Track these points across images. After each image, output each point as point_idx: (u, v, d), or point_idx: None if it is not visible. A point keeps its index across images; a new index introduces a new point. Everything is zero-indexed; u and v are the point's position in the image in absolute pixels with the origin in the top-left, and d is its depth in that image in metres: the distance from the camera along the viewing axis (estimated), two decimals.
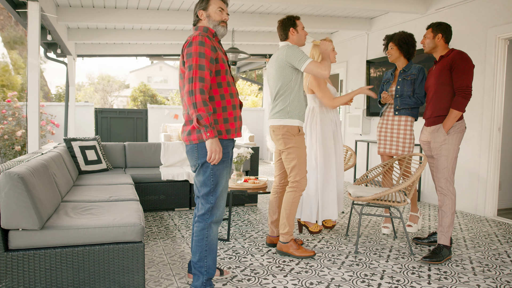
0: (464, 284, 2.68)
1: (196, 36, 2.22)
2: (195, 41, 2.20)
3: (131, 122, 10.16)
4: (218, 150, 2.20)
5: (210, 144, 2.18)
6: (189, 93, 2.15)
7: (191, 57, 2.18)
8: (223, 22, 2.40)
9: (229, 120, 2.31)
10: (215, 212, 2.32)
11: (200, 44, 2.19)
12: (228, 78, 2.34)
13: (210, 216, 2.31)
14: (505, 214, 4.74)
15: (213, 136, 2.17)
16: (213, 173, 2.28)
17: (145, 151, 5.10)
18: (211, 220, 2.32)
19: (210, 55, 2.21)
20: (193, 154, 2.30)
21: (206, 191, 2.29)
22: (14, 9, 4.88)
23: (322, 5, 5.23)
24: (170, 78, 31.68)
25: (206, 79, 2.17)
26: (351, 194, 3.36)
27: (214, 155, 2.20)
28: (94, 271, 2.30)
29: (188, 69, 2.18)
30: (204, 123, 2.14)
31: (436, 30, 3.19)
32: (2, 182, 2.13)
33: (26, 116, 7.07)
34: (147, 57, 8.78)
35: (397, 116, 3.72)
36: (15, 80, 13.93)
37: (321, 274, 2.80)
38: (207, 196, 2.30)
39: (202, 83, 2.15)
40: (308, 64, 2.98)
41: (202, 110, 2.12)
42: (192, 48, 2.19)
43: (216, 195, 2.30)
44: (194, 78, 2.15)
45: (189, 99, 2.14)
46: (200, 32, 2.27)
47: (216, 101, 2.28)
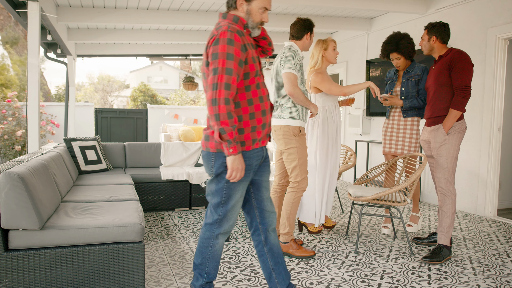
0: (464, 284, 2.68)
1: (225, 31, 1.89)
2: (223, 39, 1.87)
3: (131, 122, 10.16)
4: (240, 168, 1.92)
5: (232, 161, 1.90)
6: (212, 102, 1.85)
7: (217, 59, 1.87)
8: (261, 24, 2.09)
9: (256, 129, 2.02)
10: (223, 224, 2.08)
11: (228, 42, 1.87)
12: (257, 79, 2.03)
13: (218, 227, 2.08)
14: (505, 214, 4.74)
15: (236, 152, 1.89)
16: (227, 185, 2.02)
17: (145, 151, 5.10)
18: (219, 232, 2.09)
19: (240, 57, 1.90)
20: (208, 162, 2.04)
21: (216, 202, 2.05)
22: (14, 9, 4.88)
23: (322, 5, 5.23)
24: (170, 78, 31.68)
25: (232, 86, 1.87)
26: (351, 194, 3.36)
27: (236, 174, 1.93)
28: (94, 271, 2.30)
29: (213, 72, 1.87)
30: (228, 138, 1.86)
31: (431, 32, 3.17)
32: (2, 182, 2.13)
33: (26, 116, 7.07)
34: (147, 57, 8.79)
35: (404, 117, 3.73)
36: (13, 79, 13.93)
37: (321, 274, 2.80)
38: (216, 207, 2.06)
39: (228, 90, 1.85)
40: (286, 72, 3.00)
41: (226, 124, 1.84)
42: (218, 47, 1.87)
43: (226, 208, 2.05)
44: (219, 84, 1.85)
45: (211, 108, 1.86)
46: (230, 24, 1.94)
47: (242, 107, 1.97)
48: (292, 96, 2.99)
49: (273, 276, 2.20)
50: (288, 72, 2.98)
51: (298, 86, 3.03)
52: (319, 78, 3.49)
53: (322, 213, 3.59)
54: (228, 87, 1.86)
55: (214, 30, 1.95)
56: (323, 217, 3.60)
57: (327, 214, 3.72)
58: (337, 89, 3.45)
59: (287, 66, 3.00)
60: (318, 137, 3.55)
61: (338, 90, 3.44)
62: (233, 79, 1.87)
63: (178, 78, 30.96)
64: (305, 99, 3.05)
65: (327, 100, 3.58)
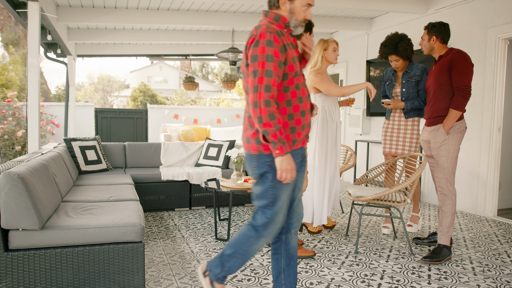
0: (464, 284, 2.68)
1: (264, 32, 1.86)
2: (262, 40, 1.85)
3: (131, 122, 10.16)
4: (289, 168, 1.88)
5: (280, 162, 1.87)
6: (254, 105, 1.85)
7: (256, 61, 1.85)
8: (304, 22, 2.04)
9: (296, 129, 1.98)
10: (269, 227, 2.02)
11: (268, 44, 1.84)
12: (297, 80, 1.99)
13: (263, 229, 2.02)
14: (505, 214, 4.74)
15: (283, 153, 1.86)
16: (273, 185, 1.97)
17: (145, 151, 5.10)
18: (263, 234, 2.03)
19: (279, 58, 1.87)
20: (251, 163, 2.02)
21: (263, 204, 2.00)
22: (14, 9, 4.88)
23: (322, 5, 5.23)
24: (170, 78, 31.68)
25: (272, 88, 1.85)
26: (351, 194, 3.36)
27: (286, 175, 1.89)
28: (94, 271, 2.30)
29: (253, 75, 1.86)
30: (272, 139, 1.84)
31: (431, 32, 3.17)
32: (2, 182, 2.13)
33: (26, 116, 7.07)
34: (147, 57, 8.78)
35: (405, 118, 3.73)
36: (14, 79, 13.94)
37: (321, 274, 2.80)
38: (264, 209, 2.00)
39: (268, 92, 1.84)
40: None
41: (269, 125, 1.83)
42: (258, 49, 1.85)
43: (274, 209, 1.99)
44: (259, 87, 1.84)
45: (254, 111, 1.85)
46: (269, 24, 1.91)
47: (281, 108, 1.95)
48: None
49: (281, 277, 2.17)
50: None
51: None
52: (319, 79, 3.49)
53: (324, 214, 3.58)
54: (268, 89, 1.84)
55: (254, 30, 1.92)
56: (325, 218, 3.59)
57: (328, 214, 3.72)
58: (336, 89, 3.44)
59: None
60: (317, 138, 3.55)
61: (337, 90, 3.44)
62: (273, 80, 1.85)
63: (178, 78, 30.95)
64: None
65: (326, 100, 3.58)
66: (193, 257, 3.09)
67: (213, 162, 5.03)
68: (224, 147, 5.07)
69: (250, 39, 1.91)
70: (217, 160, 5.03)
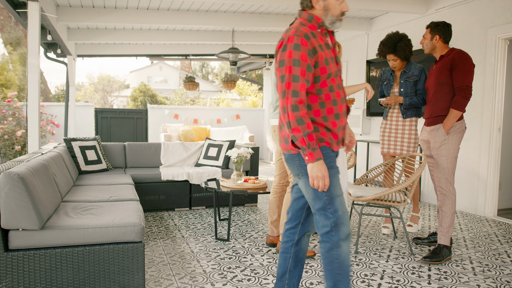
0: (464, 284, 2.68)
1: (291, 36, 1.83)
2: (290, 44, 1.82)
3: (131, 122, 10.16)
4: (320, 176, 1.80)
5: (310, 169, 1.81)
6: (282, 110, 1.82)
7: (284, 66, 1.82)
8: (342, 14, 1.95)
9: (332, 131, 1.92)
10: (340, 227, 1.90)
11: (295, 48, 1.80)
12: (331, 81, 1.91)
13: (336, 233, 1.89)
14: (505, 214, 4.74)
15: (313, 159, 1.79)
16: None
17: (145, 151, 5.10)
18: (339, 237, 1.90)
19: (307, 62, 1.81)
20: (293, 163, 1.94)
21: (320, 205, 1.90)
22: (14, 9, 4.88)
23: None
24: (170, 78, 31.68)
25: (300, 93, 1.80)
26: (351, 194, 3.36)
27: (317, 182, 1.81)
28: (94, 271, 2.30)
29: (281, 80, 1.83)
30: (300, 145, 1.79)
31: (434, 31, 3.16)
32: (2, 182, 2.13)
33: (26, 116, 7.07)
34: (147, 57, 8.79)
35: (403, 118, 3.73)
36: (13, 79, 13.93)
37: (321, 274, 2.79)
38: (324, 210, 1.90)
39: (295, 97, 1.79)
40: None
41: (297, 130, 1.78)
42: (285, 54, 1.82)
43: (334, 207, 1.88)
44: (286, 92, 1.80)
45: (284, 116, 1.82)
46: (299, 27, 1.87)
47: (314, 110, 1.89)
48: None
49: (285, 276, 2.12)
50: None
51: None
52: None
53: None
54: (296, 94, 1.79)
55: (284, 34, 1.90)
56: None
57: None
58: None
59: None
60: None
61: None
62: (301, 85, 1.80)
63: (178, 78, 30.95)
64: None
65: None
66: (193, 257, 3.09)
67: (213, 162, 5.03)
68: (224, 147, 5.08)
69: (279, 44, 1.88)
70: (217, 160, 5.03)
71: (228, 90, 17.81)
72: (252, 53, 8.33)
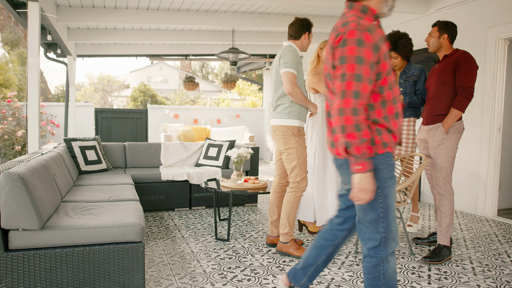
0: (464, 284, 2.68)
1: (353, 30, 1.62)
2: (352, 39, 1.61)
3: (131, 122, 10.16)
4: (368, 189, 1.63)
5: (358, 180, 1.62)
6: (338, 112, 1.61)
7: (345, 63, 1.62)
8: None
9: (392, 132, 1.75)
10: (389, 242, 1.75)
11: (358, 44, 1.60)
12: (389, 78, 1.74)
13: (384, 248, 1.75)
14: (505, 214, 4.74)
15: (364, 170, 1.61)
16: (381, 192, 1.71)
17: (145, 151, 5.10)
18: (387, 253, 1.75)
19: (371, 59, 1.63)
20: (346, 170, 1.78)
21: (374, 217, 1.73)
22: (14, 9, 4.88)
23: (322, 5, 5.23)
24: (170, 78, 31.68)
25: (362, 94, 1.61)
26: None
27: (363, 195, 1.64)
28: (94, 271, 2.30)
29: (341, 78, 1.63)
30: (354, 152, 1.60)
31: (442, 30, 3.15)
32: (2, 182, 2.13)
33: (26, 116, 7.07)
34: (147, 57, 8.79)
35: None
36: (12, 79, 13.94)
37: (321, 274, 2.79)
38: (376, 223, 1.73)
39: (357, 99, 1.60)
40: (285, 71, 2.99)
41: (353, 137, 1.59)
42: (346, 50, 1.62)
43: (388, 220, 1.73)
44: (346, 92, 1.60)
45: (338, 119, 1.61)
46: (358, 20, 1.66)
47: (376, 111, 1.72)
48: (291, 95, 2.99)
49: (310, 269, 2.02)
50: (287, 72, 2.98)
51: (297, 85, 3.03)
52: (316, 79, 3.50)
53: (330, 213, 3.58)
54: (358, 96, 1.59)
55: (340, 26, 1.69)
56: (321, 219, 3.59)
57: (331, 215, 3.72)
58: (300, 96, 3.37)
59: (286, 65, 3.00)
60: (318, 138, 3.56)
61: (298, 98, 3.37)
62: (364, 86, 1.61)
63: (178, 78, 30.96)
64: (304, 98, 3.05)
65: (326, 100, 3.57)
66: (193, 257, 3.09)
67: (213, 162, 5.03)
68: (224, 147, 5.08)
69: (337, 38, 1.67)
70: (217, 160, 5.03)
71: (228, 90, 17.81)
72: (252, 53, 8.34)
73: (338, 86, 1.64)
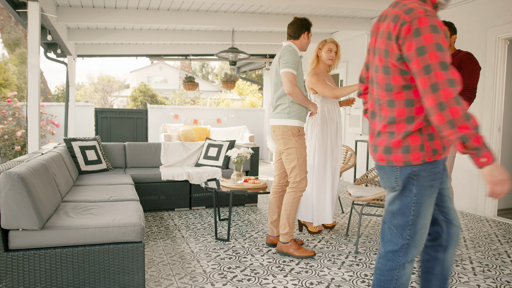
0: (464, 284, 2.68)
1: (424, 17, 1.47)
2: (425, 26, 1.46)
3: (131, 122, 10.16)
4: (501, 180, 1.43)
5: (489, 174, 1.43)
6: (438, 108, 1.43)
7: (425, 53, 1.45)
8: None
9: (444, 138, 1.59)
10: (410, 250, 1.68)
11: (433, 30, 1.45)
12: None
13: (404, 255, 1.68)
14: (505, 214, 4.74)
15: (491, 160, 1.42)
16: (416, 200, 1.62)
17: (145, 151, 5.10)
18: (405, 260, 1.69)
19: (446, 46, 1.48)
20: (391, 176, 1.67)
21: (401, 222, 1.66)
22: (14, 9, 4.88)
23: (322, 5, 5.23)
24: (170, 78, 31.68)
25: (456, 80, 1.44)
26: (351, 194, 3.36)
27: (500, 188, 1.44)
28: (94, 271, 2.30)
29: (425, 71, 1.45)
30: (475, 145, 1.40)
31: (451, 30, 3.17)
32: (2, 182, 2.13)
33: (26, 116, 7.07)
34: (147, 57, 8.79)
35: None
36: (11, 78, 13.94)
37: (321, 274, 2.80)
38: (402, 229, 1.66)
39: (454, 87, 1.42)
40: (285, 71, 3.00)
41: (466, 128, 1.40)
42: (423, 39, 1.45)
43: (415, 229, 1.65)
44: (440, 83, 1.42)
45: (440, 116, 1.43)
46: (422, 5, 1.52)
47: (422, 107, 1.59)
48: (291, 95, 2.99)
49: None
50: (287, 72, 2.98)
51: (297, 85, 3.03)
52: (314, 79, 3.51)
53: (327, 213, 3.58)
54: (453, 83, 1.43)
55: (403, 13, 1.52)
56: (328, 217, 3.59)
57: (331, 214, 3.72)
58: (329, 91, 3.45)
59: (286, 65, 3.00)
60: (317, 138, 3.56)
61: (330, 92, 3.45)
62: (452, 73, 1.44)
63: (178, 78, 30.96)
64: (304, 98, 3.05)
65: (326, 100, 3.58)
66: (193, 257, 3.09)
67: (213, 162, 5.03)
68: (224, 147, 5.08)
69: (405, 28, 1.50)
70: (217, 160, 5.03)
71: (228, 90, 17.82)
72: (252, 53, 8.34)
73: (424, 81, 1.46)
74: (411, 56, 1.49)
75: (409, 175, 1.61)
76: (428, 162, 1.60)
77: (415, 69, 1.49)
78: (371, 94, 1.76)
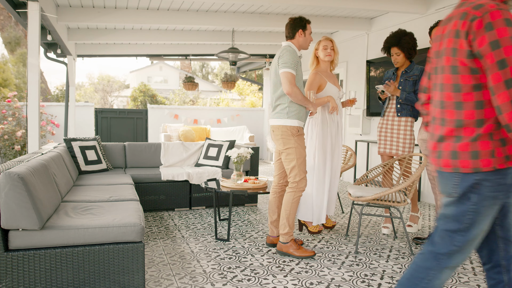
0: (464, 284, 2.68)
1: (496, 11, 1.42)
2: (498, 20, 1.41)
3: (131, 122, 10.16)
4: None
5: None
6: None
7: (499, 47, 1.39)
8: None
9: None
10: (456, 257, 1.61)
11: (508, 23, 1.40)
12: None
13: (447, 259, 1.61)
14: None
15: None
16: (475, 209, 1.53)
17: (145, 151, 5.10)
18: (447, 265, 1.61)
19: None
20: (450, 181, 1.58)
21: (454, 228, 1.58)
22: (14, 9, 4.88)
23: (322, 5, 5.23)
24: (170, 78, 31.68)
25: None
26: (351, 194, 3.36)
27: None
28: (94, 271, 2.30)
29: (499, 66, 1.39)
30: None
31: None
32: (2, 182, 2.14)
33: (26, 116, 7.07)
34: (147, 57, 8.79)
35: (398, 116, 3.74)
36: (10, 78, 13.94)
37: (321, 274, 2.80)
38: (453, 234, 1.58)
39: None
40: (284, 71, 3.00)
41: None
42: (496, 33, 1.40)
43: (467, 237, 1.57)
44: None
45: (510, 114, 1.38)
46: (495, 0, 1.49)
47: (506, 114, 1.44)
48: (290, 95, 2.99)
49: None
50: (286, 72, 2.99)
51: (296, 85, 3.03)
52: (310, 79, 3.55)
53: (323, 213, 3.59)
54: None
55: (472, 9, 1.49)
56: (323, 217, 3.60)
57: (331, 214, 3.73)
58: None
59: (285, 65, 3.00)
60: (317, 138, 3.56)
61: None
62: None
63: (178, 78, 30.96)
64: (303, 98, 3.05)
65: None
66: (193, 257, 3.09)
67: (213, 162, 5.03)
68: (224, 147, 5.08)
69: (476, 23, 1.45)
70: (217, 160, 5.03)
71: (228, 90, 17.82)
72: (252, 53, 8.34)
73: (498, 76, 1.39)
74: (484, 50, 1.43)
75: (470, 184, 1.52)
76: (499, 169, 1.49)
77: (488, 64, 1.43)
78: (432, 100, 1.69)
